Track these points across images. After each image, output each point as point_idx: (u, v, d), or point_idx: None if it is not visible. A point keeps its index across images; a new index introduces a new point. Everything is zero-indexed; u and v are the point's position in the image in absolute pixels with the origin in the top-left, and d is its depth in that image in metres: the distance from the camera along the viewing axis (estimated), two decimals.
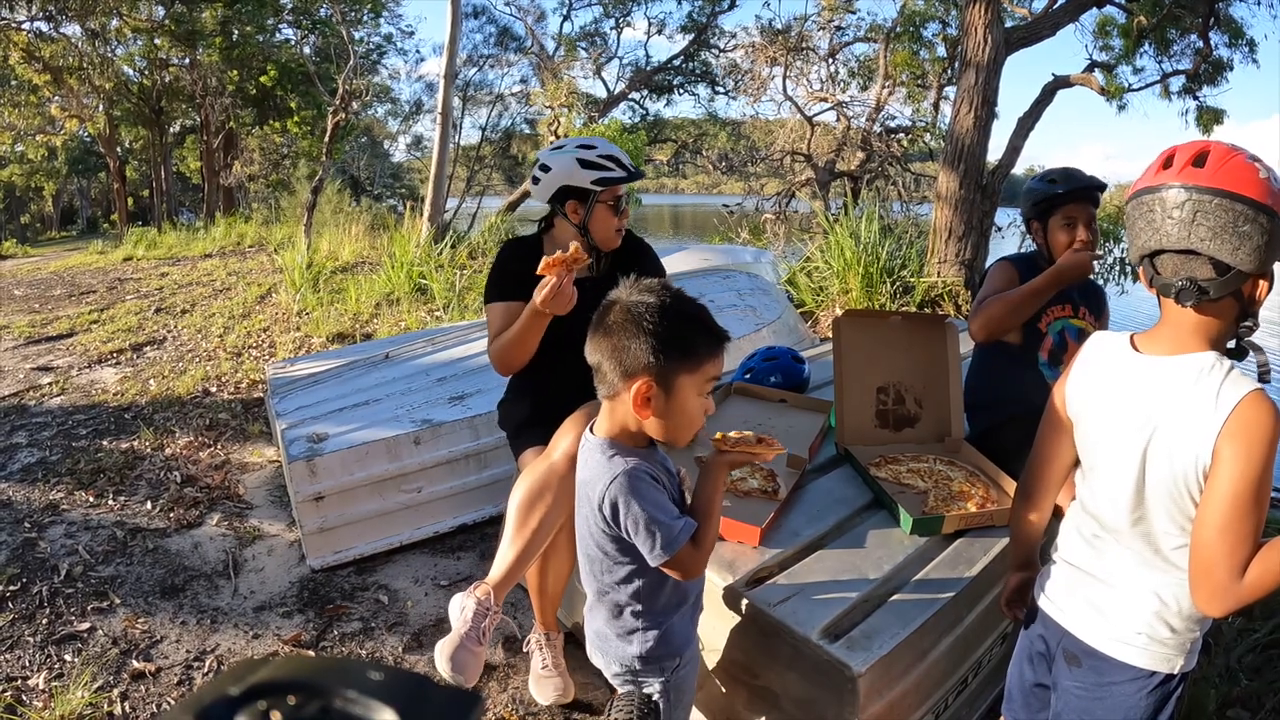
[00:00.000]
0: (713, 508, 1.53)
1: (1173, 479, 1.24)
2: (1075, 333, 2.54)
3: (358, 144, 24.23)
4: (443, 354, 4.09)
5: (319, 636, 2.65)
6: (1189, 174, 1.22)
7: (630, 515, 1.44)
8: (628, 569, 1.54)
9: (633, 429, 1.50)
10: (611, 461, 1.47)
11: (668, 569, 1.49)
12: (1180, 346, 1.27)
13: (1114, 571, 1.37)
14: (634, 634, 1.59)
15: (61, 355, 6.16)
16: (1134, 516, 1.31)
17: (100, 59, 18.18)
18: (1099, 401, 1.36)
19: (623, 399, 1.45)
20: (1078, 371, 1.42)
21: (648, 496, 1.45)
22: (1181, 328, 1.27)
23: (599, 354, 1.46)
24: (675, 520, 1.46)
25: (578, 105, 14.36)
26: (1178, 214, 1.22)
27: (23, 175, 28.28)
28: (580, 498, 1.58)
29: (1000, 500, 2.17)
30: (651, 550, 1.45)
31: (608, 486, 1.45)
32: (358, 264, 9.75)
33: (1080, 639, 1.40)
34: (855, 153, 14.56)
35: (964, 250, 7.30)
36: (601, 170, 2.40)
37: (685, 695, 1.71)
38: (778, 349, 3.21)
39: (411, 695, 0.43)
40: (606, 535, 1.51)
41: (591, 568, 1.61)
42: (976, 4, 7.04)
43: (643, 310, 1.42)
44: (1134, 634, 1.34)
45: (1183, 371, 1.24)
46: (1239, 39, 10.37)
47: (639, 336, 1.41)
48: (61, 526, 3.31)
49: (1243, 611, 2.76)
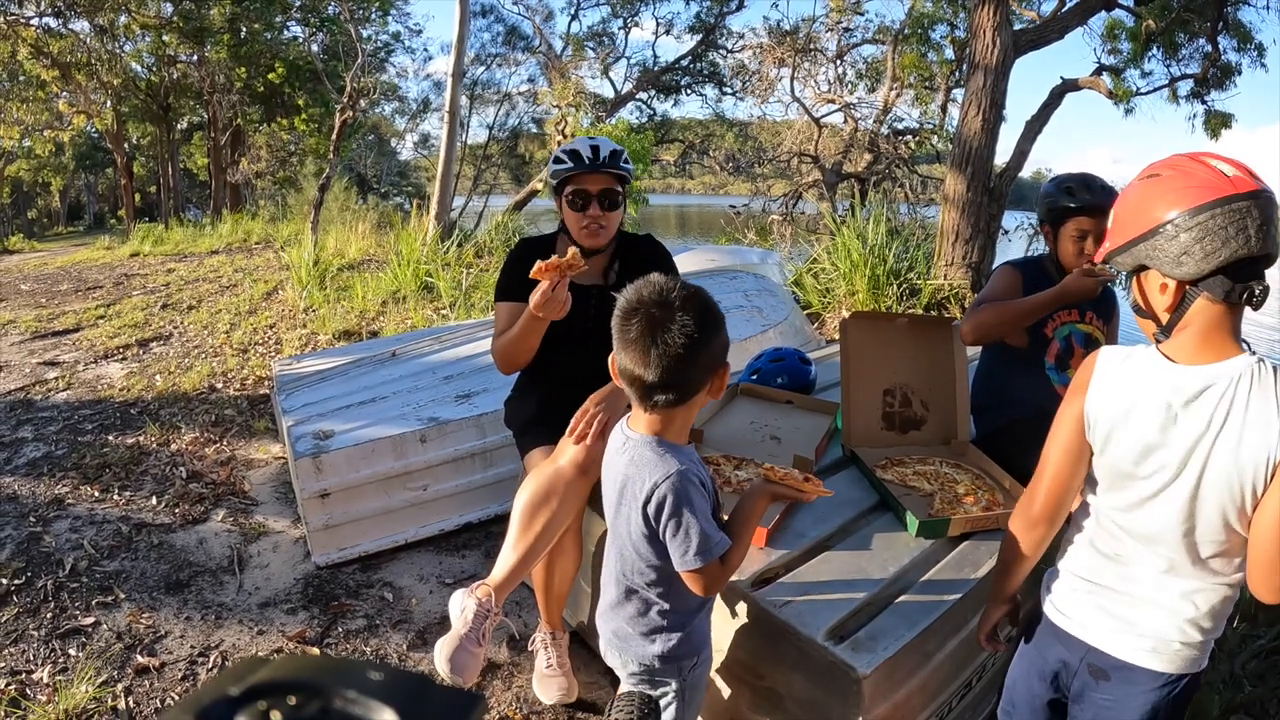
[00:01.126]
0: (746, 531, 1.55)
1: (1238, 481, 1.24)
2: (1082, 338, 2.53)
3: (365, 142, 24.33)
4: (449, 352, 4.10)
5: (323, 633, 2.65)
6: (1258, 181, 1.24)
7: (674, 516, 1.44)
8: (662, 569, 1.53)
9: (684, 423, 1.51)
10: (664, 460, 1.46)
11: (691, 578, 1.48)
12: (1220, 352, 1.27)
13: (1140, 582, 1.37)
14: (658, 633, 1.59)
15: (68, 350, 6.18)
16: (1185, 526, 1.30)
17: (108, 55, 18.27)
18: (1141, 418, 1.31)
19: (692, 400, 1.47)
20: (1101, 393, 1.36)
21: (695, 502, 1.44)
22: (1219, 333, 1.27)
23: (667, 370, 1.40)
24: (715, 533, 1.46)
25: (585, 105, 14.38)
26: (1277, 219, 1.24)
27: (30, 170, 28.45)
28: (618, 494, 1.55)
29: (1006, 503, 2.16)
30: (685, 555, 1.44)
31: (659, 484, 1.44)
32: (364, 262, 9.76)
33: (1108, 654, 1.40)
34: (862, 154, 14.58)
35: (971, 253, 7.28)
36: (558, 164, 2.37)
37: (698, 694, 1.71)
38: (784, 350, 3.20)
39: (412, 695, 0.43)
40: (645, 535, 1.50)
41: (623, 565, 1.60)
42: (985, 6, 7.03)
43: (710, 310, 1.44)
44: (1167, 642, 1.35)
45: (1233, 375, 1.25)
46: (1247, 43, 10.36)
47: (715, 334, 1.43)
48: (67, 521, 3.31)
49: (1246, 617, 2.75)
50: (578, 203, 2.36)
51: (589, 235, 2.39)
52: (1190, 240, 1.23)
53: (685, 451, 1.51)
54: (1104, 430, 1.35)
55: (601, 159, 2.33)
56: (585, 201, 2.36)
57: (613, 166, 2.34)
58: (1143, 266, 1.33)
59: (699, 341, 1.39)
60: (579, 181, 2.35)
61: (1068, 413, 1.40)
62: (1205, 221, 1.22)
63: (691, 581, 1.49)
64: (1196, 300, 1.27)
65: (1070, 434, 1.40)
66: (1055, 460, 1.42)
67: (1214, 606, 1.34)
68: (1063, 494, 1.43)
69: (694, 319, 1.39)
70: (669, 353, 1.38)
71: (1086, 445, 1.38)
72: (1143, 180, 1.34)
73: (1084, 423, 1.37)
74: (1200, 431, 1.26)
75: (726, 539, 1.48)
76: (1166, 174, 1.30)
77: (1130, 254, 1.33)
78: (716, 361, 1.45)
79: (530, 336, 2.27)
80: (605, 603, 1.68)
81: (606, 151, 2.34)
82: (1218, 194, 1.22)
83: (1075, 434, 1.39)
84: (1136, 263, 1.33)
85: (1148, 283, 1.34)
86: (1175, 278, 1.27)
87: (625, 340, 1.42)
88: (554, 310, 2.10)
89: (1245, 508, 1.25)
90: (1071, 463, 1.40)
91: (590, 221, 2.37)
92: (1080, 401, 1.38)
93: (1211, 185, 1.24)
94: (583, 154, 2.33)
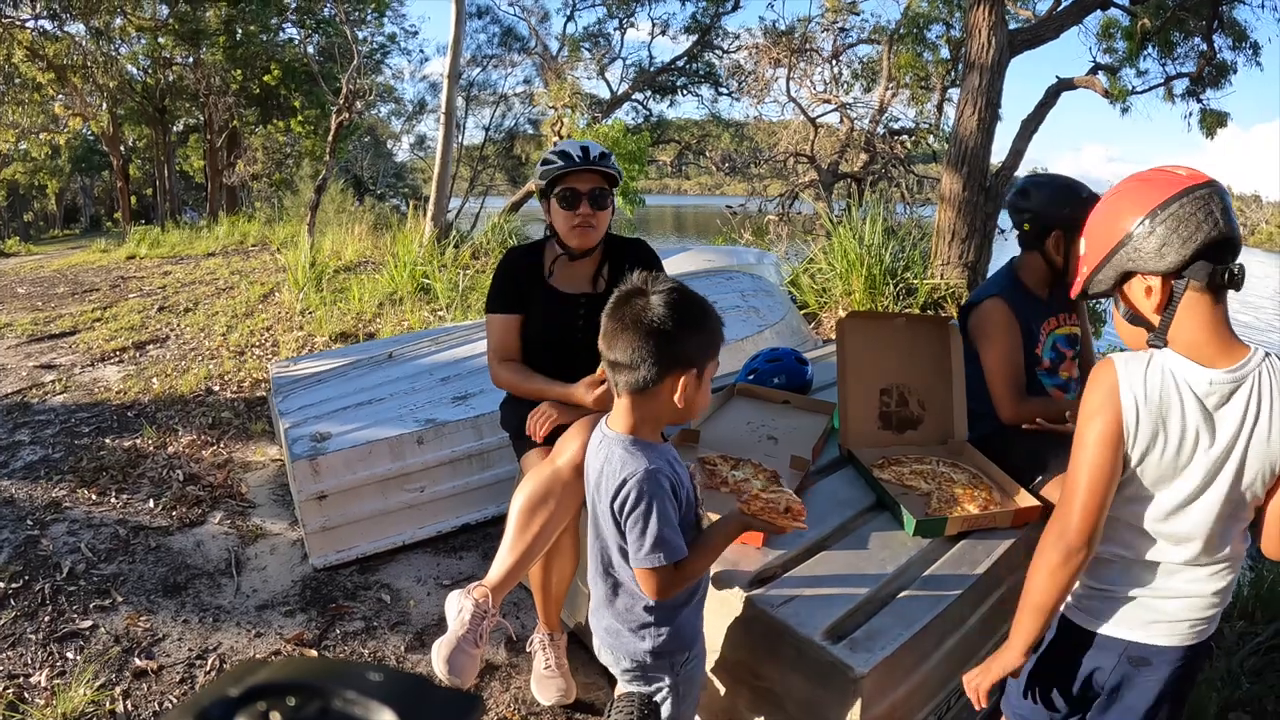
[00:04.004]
0: (710, 550, 1.57)
1: (1270, 467, 1.34)
2: (1064, 340, 2.51)
3: (361, 143, 24.30)
4: (446, 354, 4.09)
5: (321, 635, 2.65)
6: (1209, 176, 1.32)
7: (636, 512, 1.46)
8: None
9: (654, 420, 1.53)
10: (635, 458, 1.49)
11: (643, 576, 1.50)
12: (1236, 351, 1.34)
13: (1171, 575, 1.42)
14: (646, 629, 1.61)
15: (64, 353, 6.17)
16: (1220, 520, 1.36)
17: (104, 57, 18.22)
18: (1178, 423, 1.33)
19: (655, 391, 1.48)
20: (1135, 403, 1.34)
21: (660, 503, 1.46)
22: (1222, 328, 1.34)
23: (629, 350, 1.45)
24: (675, 537, 1.48)
25: (581, 106, 14.37)
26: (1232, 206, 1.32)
27: (26, 173, 28.37)
28: (592, 494, 1.59)
29: (1003, 502, 2.17)
30: (638, 552, 1.47)
31: (627, 480, 1.47)
32: (361, 263, 9.75)
33: (1152, 644, 1.45)
34: (858, 154, 14.61)
35: (967, 252, 7.28)
36: (548, 164, 2.37)
37: (693, 690, 1.72)
38: (781, 350, 3.21)
39: (411, 696, 0.43)
40: (615, 530, 1.53)
41: (605, 562, 1.62)
42: (981, 6, 7.03)
43: (685, 306, 1.46)
44: (1195, 622, 1.44)
45: (1256, 373, 1.33)
46: (1243, 42, 10.37)
47: (687, 332, 1.45)
48: (64, 524, 3.31)
49: (1244, 615, 2.76)
50: (568, 201, 2.36)
51: (579, 235, 2.39)
52: (1166, 232, 1.30)
53: (660, 450, 1.53)
54: (1144, 440, 1.34)
55: (591, 157, 2.34)
56: (575, 200, 2.36)
57: (602, 165, 2.35)
58: (1125, 276, 1.38)
59: (652, 326, 1.44)
60: (569, 180, 2.35)
61: (1096, 431, 1.37)
62: (1176, 211, 1.30)
63: (643, 579, 1.51)
64: (1185, 293, 1.31)
65: (1104, 451, 1.36)
66: (1089, 481, 1.36)
67: (1233, 578, 1.44)
68: (1101, 514, 1.38)
69: (664, 306, 1.45)
70: (622, 327, 1.46)
71: (1121, 460, 1.36)
72: (1104, 202, 1.43)
73: (1120, 437, 1.35)
74: (1235, 430, 1.32)
75: (683, 547, 1.49)
76: (1125, 187, 1.39)
77: (1110, 266, 1.38)
78: (670, 358, 1.46)
79: (545, 398, 2.35)
80: (595, 600, 1.70)
81: (596, 151, 2.36)
82: (1179, 187, 1.31)
83: (1110, 450, 1.35)
84: (1118, 273, 1.38)
85: (1133, 291, 1.38)
86: (1160, 272, 1.32)
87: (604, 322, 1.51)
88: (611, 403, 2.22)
89: (1269, 486, 1.36)
90: (1108, 480, 1.36)
91: (581, 220, 2.37)
92: (1110, 417, 1.35)
93: (1170, 182, 1.32)
94: (572, 153, 2.34)
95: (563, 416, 2.28)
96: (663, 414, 1.53)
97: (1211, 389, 1.31)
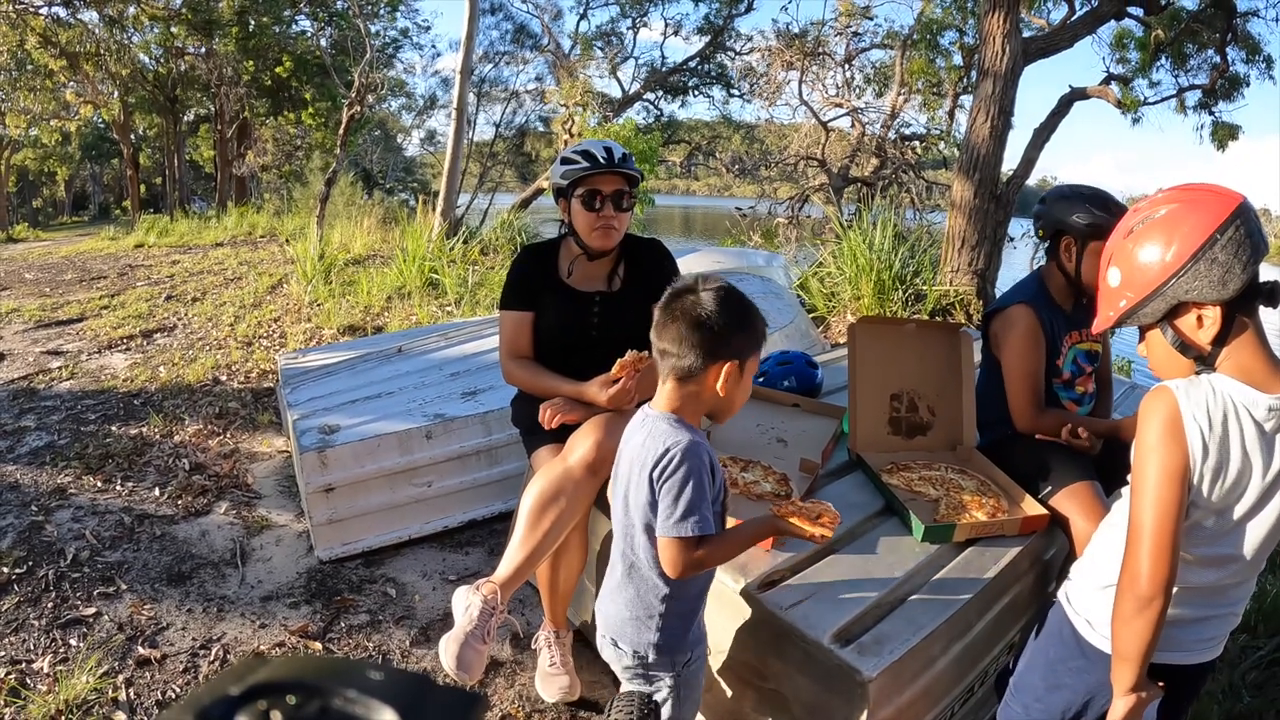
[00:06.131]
0: (735, 542, 1.60)
1: None
2: (1085, 355, 2.50)
3: (371, 137, 24.35)
4: (456, 349, 4.10)
5: (326, 628, 2.65)
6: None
7: (674, 478, 1.49)
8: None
9: (696, 405, 1.58)
10: (679, 431, 1.53)
11: (666, 545, 1.51)
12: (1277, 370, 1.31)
13: (1217, 596, 1.43)
14: (654, 619, 1.61)
15: (71, 340, 6.18)
16: (1269, 541, 1.37)
17: (117, 46, 18.28)
18: (1239, 449, 1.30)
19: (700, 378, 1.53)
20: (1201, 434, 1.30)
21: (699, 474, 1.50)
22: (1265, 345, 1.31)
23: (678, 338, 1.52)
24: (706, 511, 1.50)
25: (592, 104, 14.37)
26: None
27: (36, 160, 28.47)
28: (627, 470, 1.61)
29: (1011, 510, 2.16)
30: (668, 519, 1.49)
31: (670, 448, 1.50)
32: (369, 257, 9.76)
33: (1172, 664, 1.46)
34: (869, 159, 14.59)
35: (977, 259, 7.28)
36: (570, 164, 2.36)
37: (694, 692, 1.72)
38: (791, 353, 3.20)
39: (412, 695, 0.43)
40: (649, 501, 1.54)
41: (627, 542, 1.63)
42: (995, 13, 7.02)
43: (734, 302, 1.54)
44: (1221, 637, 1.50)
45: None
46: (1256, 55, 10.33)
47: (732, 326, 1.52)
48: (69, 511, 3.31)
49: (1246, 628, 2.76)
50: (591, 203, 2.35)
51: (600, 236, 2.38)
52: (1228, 258, 1.24)
53: (700, 434, 1.57)
54: (1211, 471, 1.31)
55: (615, 159, 2.33)
56: (599, 201, 2.35)
57: (625, 167, 2.34)
58: (1175, 309, 1.31)
59: (702, 318, 1.50)
60: (592, 182, 2.34)
61: (1161, 466, 1.31)
62: (1233, 235, 1.23)
63: (665, 550, 1.52)
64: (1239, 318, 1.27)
65: (1172, 488, 1.30)
66: (1158, 521, 1.30)
67: (1251, 592, 1.47)
68: (1175, 555, 1.30)
69: (713, 301, 1.51)
70: (672, 318, 1.53)
71: (1189, 495, 1.32)
72: (1137, 231, 1.34)
73: (1187, 471, 1.30)
74: None
75: (712, 523, 1.53)
76: (1166, 210, 1.30)
77: (1162, 298, 1.31)
78: (717, 348, 1.51)
79: (557, 395, 2.36)
80: (607, 586, 1.71)
81: (619, 153, 2.35)
82: (1227, 210, 1.24)
83: (1179, 486, 1.30)
84: (1170, 305, 1.31)
85: (1184, 323, 1.32)
86: (1222, 301, 1.26)
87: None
88: (624, 402, 2.23)
89: None
90: (1178, 518, 1.30)
91: (603, 222, 2.36)
92: (1176, 450, 1.30)
93: (1216, 207, 1.26)
94: (597, 154, 2.33)
95: (575, 414, 2.28)
96: (704, 401, 1.57)
97: (1270, 415, 1.28)
